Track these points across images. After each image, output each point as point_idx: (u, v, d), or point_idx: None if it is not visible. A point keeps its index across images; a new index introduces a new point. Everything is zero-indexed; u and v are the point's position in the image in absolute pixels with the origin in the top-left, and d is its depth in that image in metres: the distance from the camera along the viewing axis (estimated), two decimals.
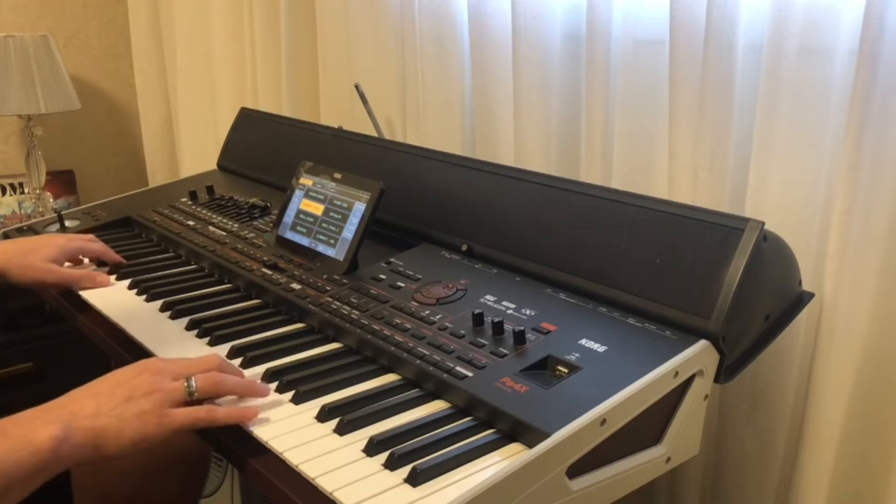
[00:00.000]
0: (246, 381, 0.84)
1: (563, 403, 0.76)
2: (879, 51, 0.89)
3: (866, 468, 1.02)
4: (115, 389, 0.78)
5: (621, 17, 1.20)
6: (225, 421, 0.79)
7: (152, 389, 0.78)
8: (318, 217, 1.15)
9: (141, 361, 0.83)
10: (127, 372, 0.81)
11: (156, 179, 2.45)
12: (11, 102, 2.08)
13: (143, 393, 0.77)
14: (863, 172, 0.93)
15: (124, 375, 0.80)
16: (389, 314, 0.96)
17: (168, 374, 0.80)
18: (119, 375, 0.80)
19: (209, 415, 0.79)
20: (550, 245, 1.01)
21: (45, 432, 0.72)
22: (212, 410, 0.79)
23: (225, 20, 2.03)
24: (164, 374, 0.80)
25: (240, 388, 0.83)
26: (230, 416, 0.80)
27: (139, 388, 0.78)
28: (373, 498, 0.68)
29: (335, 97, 1.77)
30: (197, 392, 0.79)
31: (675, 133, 1.13)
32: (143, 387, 0.78)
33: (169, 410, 0.77)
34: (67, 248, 1.17)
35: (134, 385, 0.78)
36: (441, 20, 1.46)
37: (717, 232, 0.88)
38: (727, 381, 0.87)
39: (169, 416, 0.77)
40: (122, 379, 0.79)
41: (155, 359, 0.85)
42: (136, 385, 0.78)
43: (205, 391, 0.80)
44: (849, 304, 0.97)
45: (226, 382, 0.82)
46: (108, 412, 0.75)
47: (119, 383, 0.79)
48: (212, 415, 0.79)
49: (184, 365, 0.82)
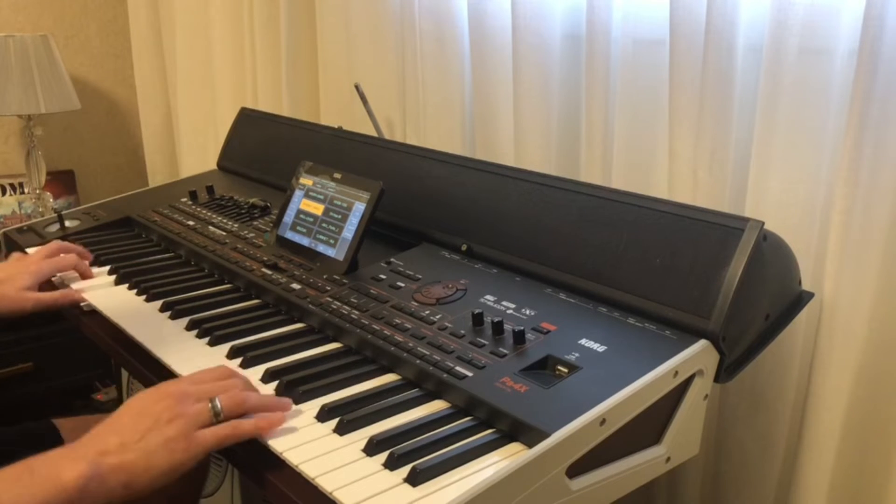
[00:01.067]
0: (269, 397, 0.82)
1: (562, 403, 0.76)
2: (879, 51, 0.90)
3: (866, 468, 1.02)
4: (137, 421, 0.76)
5: (621, 17, 1.20)
6: (252, 433, 0.78)
7: (176, 415, 0.76)
8: (318, 217, 1.15)
9: (160, 386, 0.81)
10: (147, 398, 0.78)
11: (156, 179, 2.45)
12: (11, 102, 2.08)
13: (167, 420, 0.75)
14: (863, 172, 0.93)
15: (145, 402, 0.78)
16: (389, 314, 0.96)
17: (190, 397, 0.78)
18: (139, 403, 0.78)
19: (235, 431, 0.77)
20: (550, 245, 1.01)
21: (73, 471, 0.70)
22: (237, 426, 0.77)
23: (225, 20, 2.03)
24: (185, 398, 0.78)
25: (264, 405, 0.81)
26: (258, 427, 0.78)
27: (163, 415, 0.76)
28: (373, 498, 0.68)
29: (335, 97, 1.77)
30: (223, 412, 0.78)
31: (675, 133, 1.13)
32: (167, 414, 0.76)
33: (195, 434, 0.76)
34: (42, 274, 1.15)
35: (157, 413, 0.76)
36: (441, 20, 1.46)
37: (717, 232, 0.88)
38: (727, 380, 0.87)
39: (196, 440, 0.76)
40: (143, 407, 0.77)
41: (174, 381, 0.82)
42: (160, 413, 0.76)
43: (230, 411, 0.78)
44: (849, 304, 0.97)
45: (250, 400, 0.80)
46: (134, 445, 0.74)
47: (141, 412, 0.77)
48: (238, 430, 0.77)
49: (205, 388, 0.80)
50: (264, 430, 0.78)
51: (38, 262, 1.16)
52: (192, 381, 0.82)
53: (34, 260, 1.17)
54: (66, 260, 1.19)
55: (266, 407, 0.81)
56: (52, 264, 1.17)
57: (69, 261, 1.19)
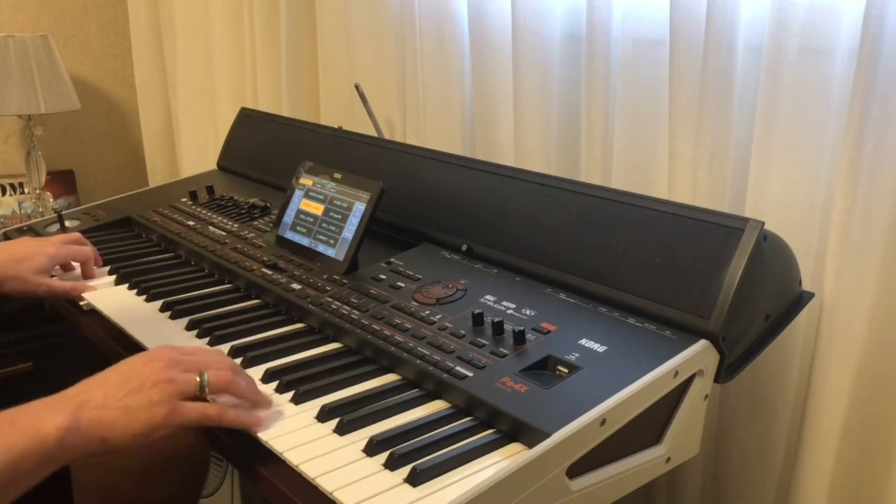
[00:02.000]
0: (255, 388, 0.83)
1: (563, 403, 0.76)
2: (879, 51, 0.89)
3: (866, 468, 1.02)
4: (124, 379, 0.76)
5: (621, 17, 1.20)
6: (233, 422, 0.78)
7: (162, 379, 0.76)
8: (318, 217, 1.15)
9: (154, 349, 0.81)
10: (138, 360, 0.79)
11: (156, 179, 2.45)
12: (11, 102, 2.08)
13: (152, 383, 0.76)
14: (863, 172, 0.93)
15: (135, 363, 0.79)
16: (389, 314, 0.96)
17: (180, 365, 0.79)
18: (130, 363, 0.79)
19: (219, 413, 0.78)
20: (550, 245, 1.01)
21: (52, 422, 0.71)
22: (223, 410, 0.78)
23: (225, 20, 2.03)
24: (175, 364, 0.78)
25: (249, 393, 0.81)
26: (239, 418, 0.78)
27: (149, 377, 0.76)
28: (373, 498, 0.68)
29: (335, 97, 1.77)
30: (209, 387, 0.78)
31: (675, 133, 1.13)
32: (154, 376, 0.76)
33: (179, 403, 0.76)
34: (58, 258, 1.16)
35: (145, 374, 0.77)
36: (441, 20, 1.46)
37: (717, 232, 0.88)
38: (727, 381, 0.87)
39: (178, 409, 0.76)
40: (132, 367, 0.78)
41: (167, 347, 0.83)
42: (147, 374, 0.76)
43: (216, 387, 0.79)
44: (849, 304, 0.97)
45: (238, 383, 0.80)
46: (116, 403, 0.74)
47: (129, 372, 0.77)
48: (222, 414, 0.78)
49: (197, 359, 0.81)
50: (245, 425, 0.78)
51: (56, 245, 1.17)
52: (185, 351, 0.82)
53: (53, 242, 1.17)
54: (83, 250, 1.19)
55: (251, 396, 0.82)
56: (69, 250, 1.18)
57: (85, 251, 1.19)
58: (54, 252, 1.15)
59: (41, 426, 0.71)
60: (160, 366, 0.78)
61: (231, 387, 0.80)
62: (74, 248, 1.19)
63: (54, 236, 1.21)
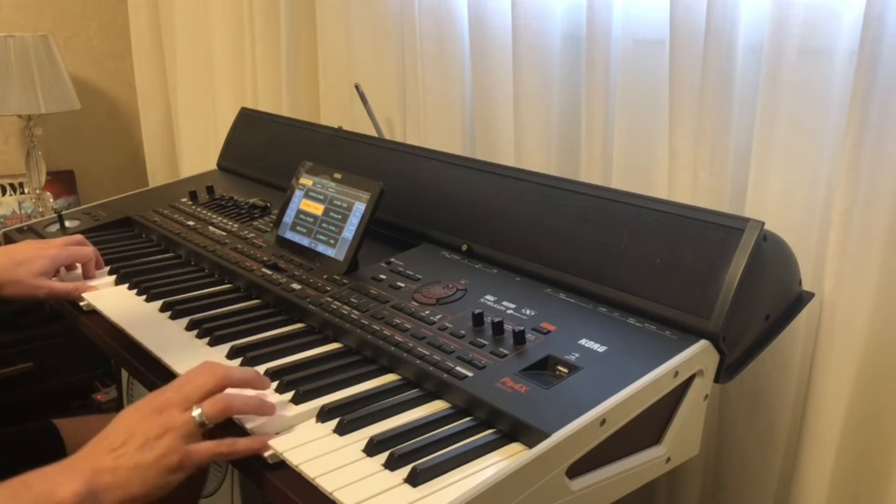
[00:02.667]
0: (252, 400, 0.81)
1: (563, 403, 0.76)
2: (879, 51, 0.89)
3: (866, 468, 1.02)
4: (128, 438, 0.76)
5: (621, 17, 1.20)
6: (247, 452, 0.77)
7: (164, 430, 0.76)
8: (318, 217, 1.15)
9: (143, 400, 0.80)
10: (132, 416, 0.78)
11: (156, 179, 2.45)
12: (11, 102, 2.08)
13: (156, 436, 0.75)
14: (863, 172, 0.93)
15: (131, 420, 0.78)
16: (389, 314, 0.96)
17: (174, 407, 0.78)
18: (125, 421, 0.78)
19: (230, 448, 0.77)
20: (550, 245, 1.01)
21: (69, 489, 0.71)
22: (233, 444, 0.77)
23: (225, 20, 2.03)
24: (169, 409, 0.77)
25: (248, 408, 0.80)
26: (251, 447, 0.77)
27: (151, 431, 0.76)
28: (373, 498, 0.68)
29: (335, 97, 1.77)
30: (207, 420, 0.77)
31: (675, 133, 1.13)
32: (154, 429, 0.76)
33: (188, 448, 0.76)
34: (59, 260, 1.15)
35: (144, 430, 0.76)
36: (441, 20, 1.46)
37: (717, 232, 0.88)
38: (727, 381, 0.87)
39: (189, 453, 0.75)
40: (131, 425, 0.77)
41: (156, 393, 0.81)
42: (148, 428, 0.76)
43: (214, 417, 0.78)
44: (849, 304, 0.97)
45: (234, 404, 0.79)
46: (127, 464, 0.74)
47: (130, 431, 0.76)
48: (233, 448, 0.77)
49: (186, 393, 0.79)
50: (258, 451, 0.77)
51: (57, 248, 1.16)
52: (176, 387, 0.81)
53: (54, 245, 1.17)
54: (83, 251, 1.19)
55: (251, 410, 0.80)
56: (70, 252, 1.17)
57: (86, 252, 1.19)
58: (55, 254, 1.15)
59: (57, 492, 0.70)
60: (155, 417, 0.77)
61: (228, 412, 0.79)
62: (75, 250, 1.18)
63: (56, 238, 1.21)
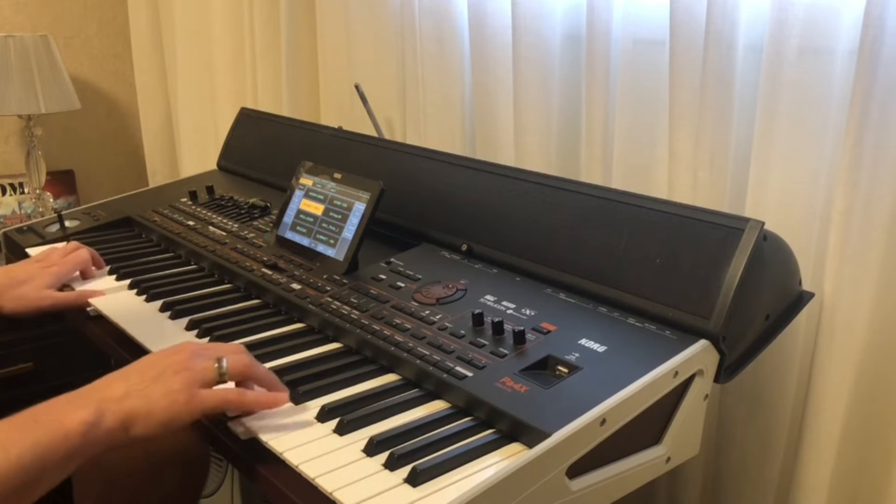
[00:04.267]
0: (273, 376, 0.84)
1: (563, 403, 0.76)
2: (879, 51, 0.89)
3: (866, 468, 1.02)
4: (146, 369, 0.78)
5: (621, 17, 1.20)
6: (254, 405, 0.79)
7: (183, 368, 0.78)
8: (318, 217, 1.15)
9: (176, 344, 0.83)
10: (162, 353, 0.81)
11: (156, 179, 2.45)
12: (11, 102, 2.08)
13: (173, 372, 0.77)
14: (863, 172, 0.93)
15: (158, 356, 0.81)
16: (389, 314, 0.96)
17: (199, 355, 0.80)
18: (153, 356, 0.81)
19: (239, 397, 0.79)
20: (550, 245, 1.01)
21: (77, 416, 0.72)
22: (242, 393, 0.79)
23: (225, 20, 2.03)
24: (196, 355, 0.80)
25: (267, 379, 0.83)
26: (259, 400, 0.80)
27: (170, 367, 0.78)
28: (373, 498, 0.68)
29: (335, 97, 1.77)
30: (227, 372, 0.79)
31: (675, 133, 1.13)
32: (174, 366, 0.78)
33: (198, 390, 0.77)
34: (62, 276, 1.15)
35: (165, 365, 0.78)
36: (441, 20, 1.46)
37: (717, 232, 0.88)
38: (727, 381, 0.87)
39: (198, 395, 0.77)
40: (155, 359, 0.80)
41: (192, 342, 0.85)
42: (167, 365, 0.78)
43: (235, 372, 0.80)
44: (849, 304, 0.97)
45: (256, 368, 0.82)
46: (137, 392, 0.76)
47: (151, 364, 0.79)
48: (242, 397, 0.79)
49: (216, 350, 0.82)
50: (267, 406, 0.80)
51: (58, 263, 1.16)
52: (205, 345, 0.85)
53: (54, 259, 1.17)
54: (80, 257, 1.18)
55: (270, 383, 0.83)
56: (71, 264, 1.17)
57: (82, 257, 1.18)
58: (57, 271, 1.14)
59: (65, 421, 0.72)
60: (181, 357, 0.79)
61: (249, 370, 0.81)
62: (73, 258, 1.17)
63: (54, 253, 1.19)
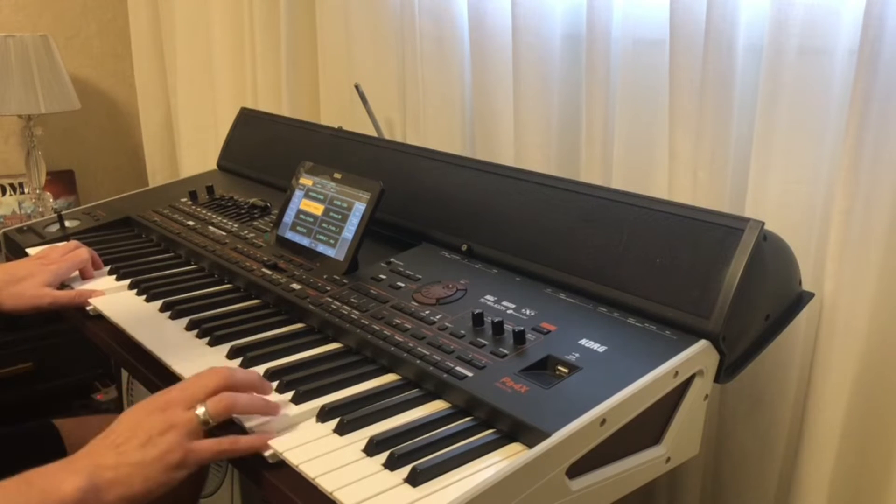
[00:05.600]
0: (256, 400, 0.82)
1: (563, 403, 0.76)
2: (879, 51, 0.90)
3: (866, 468, 1.02)
4: (131, 435, 0.76)
5: (621, 17, 1.20)
6: (249, 450, 0.77)
7: (167, 427, 0.76)
8: (318, 217, 1.15)
9: (148, 399, 0.81)
10: (137, 413, 0.79)
11: (156, 179, 2.45)
12: (11, 102, 2.08)
13: (159, 432, 0.76)
14: (863, 172, 0.93)
15: (135, 418, 0.78)
16: (389, 314, 0.96)
17: (178, 405, 0.78)
18: (130, 418, 0.78)
19: (233, 446, 0.77)
20: (550, 245, 1.01)
21: (71, 484, 0.71)
22: (235, 441, 0.77)
23: (225, 20, 2.03)
24: (173, 407, 0.78)
25: (252, 408, 0.81)
26: (252, 445, 0.77)
27: (155, 427, 0.76)
28: (373, 498, 0.68)
29: (335, 97, 1.77)
30: (211, 418, 0.78)
31: (675, 133, 1.13)
32: (158, 426, 0.76)
33: (191, 445, 0.76)
34: (61, 274, 1.14)
35: (149, 426, 0.76)
36: (441, 20, 1.46)
37: (717, 232, 0.88)
38: (727, 381, 0.87)
39: (192, 450, 0.76)
40: (134, 422, 0.77)
41: (161, 393, 0.81)
42: (152, 425, 0.76)
43: (218, 415, 0.78)
44: (849, 304, 0.97)
45: (238, 403, 0.79)
46: (130, 460, 0.74)
47: (133, 428, 0.77)
48: (235, 446, 0.77)
49: (191, 392, 0.80)
50: (263, 448, 0.77)
51: (58, 261, 1.16)
52: (180, 388, 0.81)
53: (54, 258, 1.17)
54: (79, 256, 1.18)
55: (256, 409, 0.81)
56: (71, 262, 1.17)
57: (82, 256, 1.18)
58: (56, 269, 1.14)
59: (60, 488, 0.71)
60: (160, 416, 0.77)
61: (232, 410, 0.79)
62: (74, 258, 1.17)
63: (53, 250, 1.19)
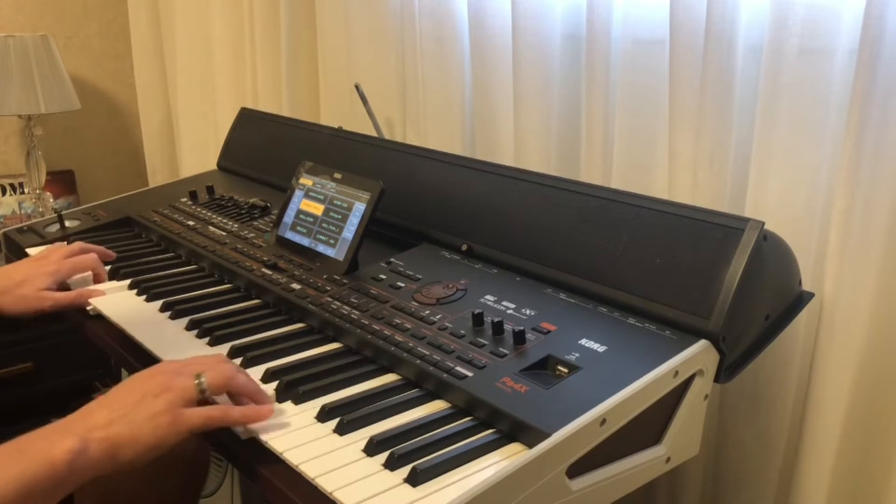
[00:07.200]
0: (255, 383, 0.83)
1: (563, 403, 0.76)
2: (879, 51, 0.89)
3: (866, 468, 1.02)
4: (127, 395, 0.77)
5: (621, 17, 1.20)
6: (240, 420, 0.78)
7: (163, 389, 0.77)
8: (318, 217, 1.15)
9: (156, 365, 0.82)
10: (141, 376, 0.80)
11: (156, 179, 2.45)
12: (11, 102, 2.08)
13: (154, 395, 0.77)
14: (863, 172, 0.93)
15: (138, 380, 0.79)
16: (389, 314, 0.96)
17: (178, 373, 0.79)
18: (133, 380, 0.80)
19: (223, 414, 0.78)
20: (550, 245, 1.01)
21: (62, 446, 0.71)
22: (226, 410, 0.78)
23: (225, 20, 2.03)
24: (175, 374, 0.79)
25: (250, 388, 0.82)
26: (245, 414, 0.78)
27: (150, 390, 0.77)
28: (373, 498, 0.68)
29: (335, 97, 1.77)
30: (208, 388, 0.79)
31: (675, 133, 1.13)
32: (154, 389, 0.77)
33: (182, 410, 0.77)
34: (60, 275, 1.14)
35: (146, 388, 0.77)
36: (441, 20, 1.46)
37: (717, 232, 0.88)
38: (727, 381, 0.87)
39: (182, 416, 0.76)
40: (135, 384, 0.79)
41: (169, 361, 0.84)
42: (148, 388, 0.77)
43: (216, 386, 0.79)
44: (849, 304, 0.97)
45: (237, 379, 0.81)
46: (120, 419, 0.75)
47: (132, 388, 0.78)
48: (226, 413, 0.78)
49: (195, 366, 0.81)
50: (252, 420, 0.78)
51: (57, 263, 1.15)
52: (185, 361, 0.83)
53: (53, 260, 1.16)
54: (85, 260, 1.17)
55: (253, 394, 0.82)
56: (70, 264, 1.16)
57: (88, 261, 1.17)
58: (55, 270, 1.13)
59: (51, 451, 0.71)
60: (161, 378, 0.79)
61: (231, 383, 0.80)
62: (76, 261, 1.16)
63: (54, 253, 1.18)
